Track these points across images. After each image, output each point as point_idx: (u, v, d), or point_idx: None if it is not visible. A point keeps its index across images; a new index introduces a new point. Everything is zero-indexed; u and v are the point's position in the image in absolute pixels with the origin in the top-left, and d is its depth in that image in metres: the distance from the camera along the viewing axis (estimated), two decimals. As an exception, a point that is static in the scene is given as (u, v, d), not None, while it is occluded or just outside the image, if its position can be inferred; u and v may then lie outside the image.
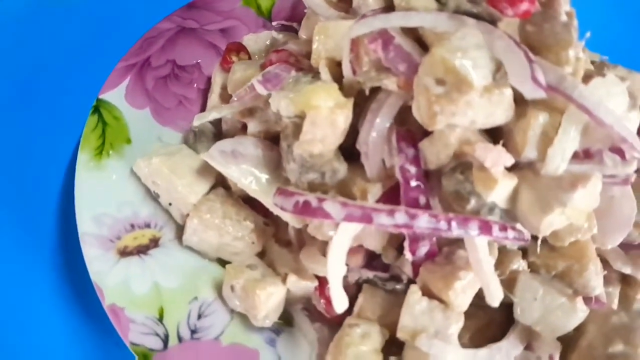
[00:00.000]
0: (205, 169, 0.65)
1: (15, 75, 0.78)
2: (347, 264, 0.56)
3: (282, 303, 0.63)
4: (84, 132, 0.68)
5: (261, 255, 0.67)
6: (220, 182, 0.68)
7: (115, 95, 0.71)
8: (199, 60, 0.78)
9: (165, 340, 0.58)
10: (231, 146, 0.64)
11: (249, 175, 0.62)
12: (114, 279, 0.61)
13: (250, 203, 0.66)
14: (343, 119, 0.57)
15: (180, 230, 0.66)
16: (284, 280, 0.63)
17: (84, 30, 0.82)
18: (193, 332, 0.60)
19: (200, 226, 0.64)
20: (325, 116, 0.56)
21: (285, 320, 0.65)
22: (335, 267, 0.53)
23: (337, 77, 0.60)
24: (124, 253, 0.63)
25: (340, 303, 0.53)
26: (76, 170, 0.65)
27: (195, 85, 0.77)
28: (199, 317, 0.61)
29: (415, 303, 0.55)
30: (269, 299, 0.61)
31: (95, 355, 0.65)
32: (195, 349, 0.59)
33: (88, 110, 0.69)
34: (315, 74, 0.61)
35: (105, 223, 0.64)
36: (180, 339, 0.59)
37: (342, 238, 0.53)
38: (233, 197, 0.67)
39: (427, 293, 0.55)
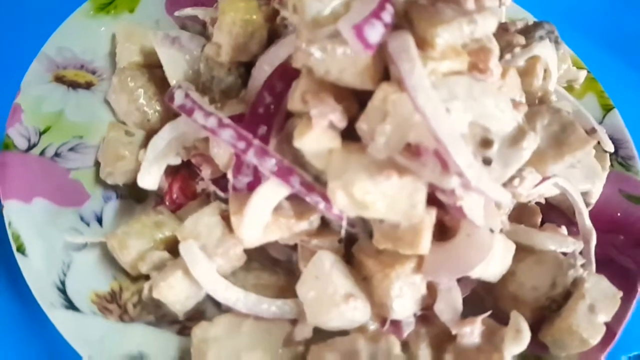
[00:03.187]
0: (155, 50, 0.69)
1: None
2: (200, 170, 0.60)
3: (132, 173, 0.65)
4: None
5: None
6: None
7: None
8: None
9: (30, 147, 0.64)
10: (177, 34, 0.69)
11: (176, 63, 0.67)
12: (35, 91, 0.68)
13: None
14: (242, 32, 0.60)
15: (114, 87, 0.71)
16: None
17: None
18: (56, 155, 0.65)
19: (118, 85, 0.69)
20: (227, 23, 0.59)
21: (139, 198, 0.68)
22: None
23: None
24: (59, 79, 0.70)
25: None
26: (73, 13, 0.74)
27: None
28: (71, 149, 0.66)
29: (206, 214, 0.57)
30: (118, 160, 0.65)
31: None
32: (46, 166, 0.64)
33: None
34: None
35: (64, 55, 0.72)
36: (42, 153, 0.65)
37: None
38: (166, 83, 0.69)
39: (226, 216, 0.56)
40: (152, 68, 0.72)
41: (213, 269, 0.56)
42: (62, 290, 0.57)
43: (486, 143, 0.51)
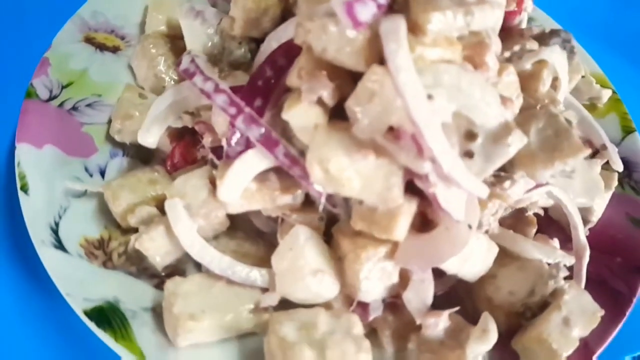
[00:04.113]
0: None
1: None
2: (202, 138, 0.62)
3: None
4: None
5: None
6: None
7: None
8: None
9: (51, 98, 0.68)
10: (202, 8, 0.71)
11: (196, 34, 0.69)
12: (65, 48, 0.72)
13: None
14: (255, 8, 0.62)
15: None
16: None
17: None
18: (73, 108, 0.69)
19: (140, 51, 0.72)
20: None
21: (145, 159, 0.71)
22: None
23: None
24: (88, 40, 0.74)
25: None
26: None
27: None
28: (88, 105, 0.70)
29: (195, 176, 0.59)
30: (127, 118, 0.68)
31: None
32: (62, 117, 0.68)
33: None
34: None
35: (97, 19, 0.76)
36: (61, 105, 0.68)
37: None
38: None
39: (215, 181, 0.57)
40: (176, 39, 0.75)
41: (193, 228, 0.57)
42: (55, 231, 0.60)
43: (470, 136, 0.51)
